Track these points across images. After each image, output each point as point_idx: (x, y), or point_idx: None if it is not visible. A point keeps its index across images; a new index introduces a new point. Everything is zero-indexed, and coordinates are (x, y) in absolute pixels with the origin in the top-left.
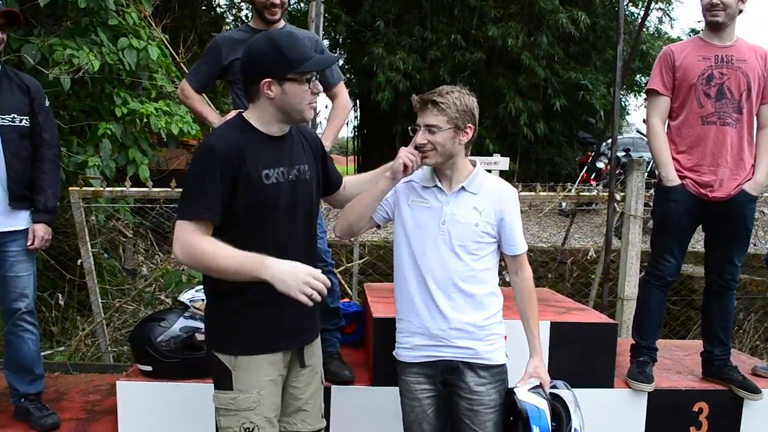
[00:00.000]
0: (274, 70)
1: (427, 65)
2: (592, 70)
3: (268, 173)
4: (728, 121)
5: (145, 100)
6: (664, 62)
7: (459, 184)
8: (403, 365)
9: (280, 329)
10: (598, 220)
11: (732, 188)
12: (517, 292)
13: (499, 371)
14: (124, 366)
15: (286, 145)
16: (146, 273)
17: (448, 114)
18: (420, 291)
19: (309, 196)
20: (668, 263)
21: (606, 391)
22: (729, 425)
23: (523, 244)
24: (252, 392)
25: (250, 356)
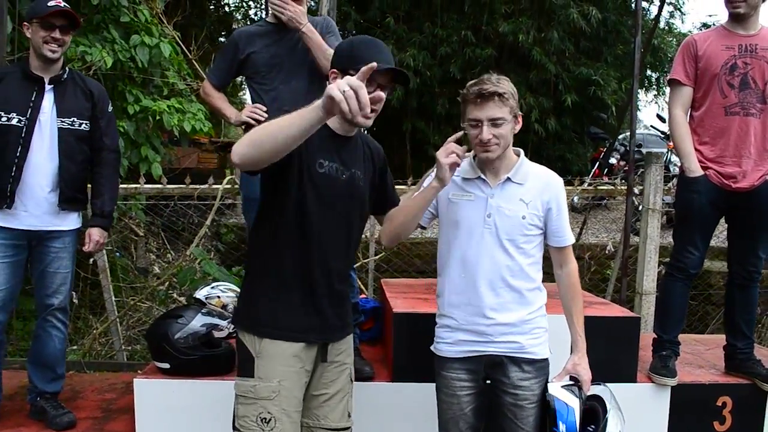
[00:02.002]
0: (340, 63)
1: (438, 62)
2: (603, 66)
3: (322, 162)
4: (752, 111)
5: (158, 98)
6: (686, 52)
7: (505, 175)
8: (443, 360)
9: (309, 322)
10: (610, 215)
11: (756, 179)
12: (561, 286)
13: (542, 365)
14: (139, 364)
15: (347, 146)
16: (158, 271)
17: (510, 104)
18: (465, 287)
19: (358, 202)
20: (692, 255)
21: (629, 385)
22: (753, 420)
23: (570, 236)
24: (273, 381)
25: (274, 341)
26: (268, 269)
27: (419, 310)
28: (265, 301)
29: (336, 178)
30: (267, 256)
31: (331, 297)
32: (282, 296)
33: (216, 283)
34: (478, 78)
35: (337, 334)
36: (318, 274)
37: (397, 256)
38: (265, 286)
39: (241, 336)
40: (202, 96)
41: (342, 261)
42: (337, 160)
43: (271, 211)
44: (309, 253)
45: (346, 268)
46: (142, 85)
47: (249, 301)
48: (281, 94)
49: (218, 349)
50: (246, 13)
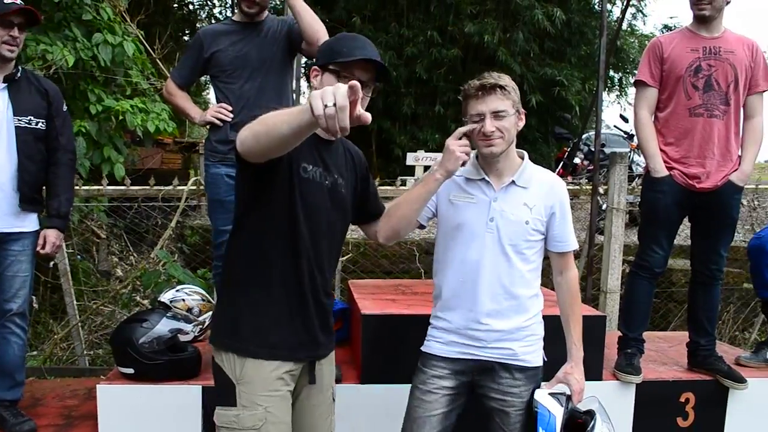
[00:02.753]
0: (320, 58)
1: (404, 62)
2: (567, 67)
3: (306, 166)
4: (716, 113)
5: (120, 98)
6: (652, 53)
7: (509, 178)
8: (428, 357)
9: (298, 337)
10: (575, 214)
11: (719, 179)
12: (560, 293)
13: (534, 373)
14: (101, 369)
15: (329, 151)
16: (121, 274)
17: (512, 98)
18: (463, 291)
19: (341, 210)
20: (656, 254)
21: (595, 383)
22: (714, 415)
23: (574, 241)
24: (258, 409)
25: (258, 361)
26: (252, 281)
27: (387, 311)
28: (249, 317)
29: (319, 183)
30: (251, 266)
31: (318, 311)
32: (269, 310)
33: (181, 286)
34: (479, 75)
35: (324, 350)
36: (306, 286)
37: (364, 256)
38: (250, 299)
39: (218, 359)
40: (164, 95)
41: (327, 272)
42: (320, 164)
43: (256, 218)
44: (298, 263)
45: (331, 280)
46: (105, 84)
47: (229, 316)
48: (247, 93)
49: (184, 353)
50: (210, 11)
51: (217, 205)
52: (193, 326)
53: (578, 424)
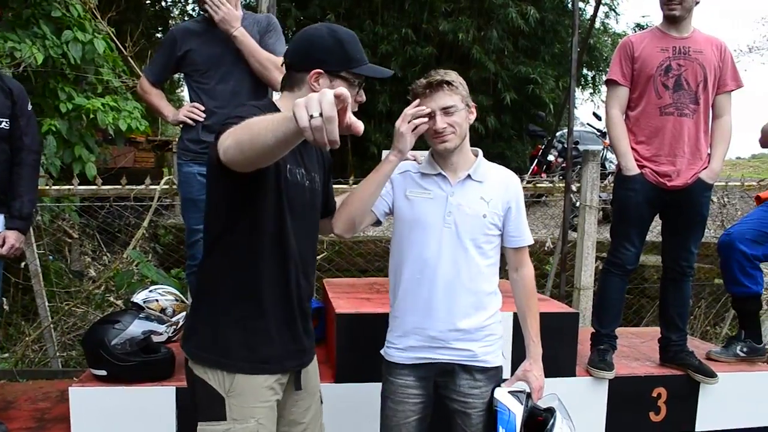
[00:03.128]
0: (331, 62)
1: (378, 60)
2: (541, 64)
3: (291, 169)
4: (685, 111)
5: (91, 96)
6: (623, 53)
7: (465, 172)
8: (392, 366)
9: (284, 348)
10: (548, 211)
11: (689, 177)
12: (516, 290)
13: (494, 373)
14: (74, 371)
15: (309, 150)
16: (94, 275)
17: (460, 93)
18: (420, 289)
19: (318, 209)
20: (628, 251)
21: (569, 380)
22: (686, 409)
23: (529, 236)
24: (250, 422)
25: (248, 376)
26: (239, 293)
27: (362, 310)
28: (238, 331)
29: (302, 185)
30: (237, 278)
31: (302, 317)
32: (258, 324)
33: (154, 286)
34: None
35: (309, 356)
36: (293, 294)
37: (339, 255)
38: (237, 313)
39: (200, 373)
40: (138, 93)
41: (311, 277)
42: (301, 165)
43: (240, 227)
44: (286, 271)
45: (312, 281)
46: (75, 82)
47: (213, 331)
48: (221, 93)
49: (157, 354)
50: (183, 9)
51: (190, 204)
52: (167, 327)
53: (539, 422)
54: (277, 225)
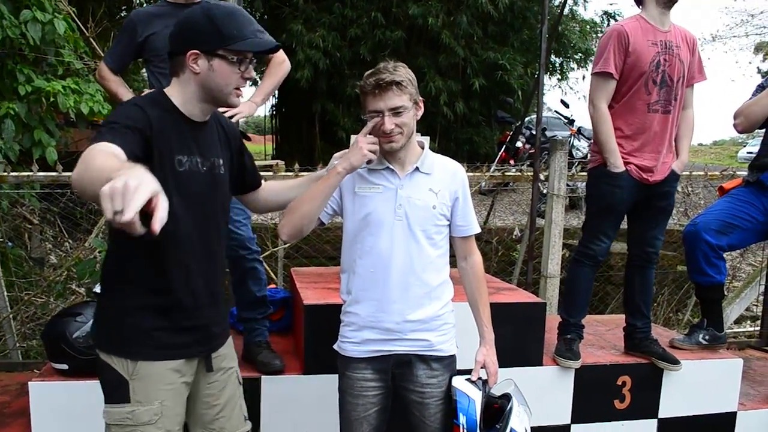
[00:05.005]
0: (204, 42)
1: (348, 43)
2: (510, 51)
3: (181, 159)
4: (668, 108)
5: (52, 78)
6: (618, 44)
7: (412, 165)
8: (347, 361)
9: (190, 334)
10: (515, 197)
11: (666, 170)
12: (466, 279)
13: (450, 362)
14: (35, 363)
15: (204, 134)
16: (55, 261)
17: (409, 91)
18: (374, 282)
19: (221, 193)
20: (603, 244)
21: (535, 369)
22: (649, 396)
23: (476, 225)
24: (154, 403)
25: (151, 362)
26: (139, 281)
27: (330, 301)
28: (137, 319)
29: (197, 173)
30: (133, 267)
31: (210, 303)
32: (156, 311)
33: None
34: (374, 68)
35: (220, 340)
36: (194, 281)
37: (307, 242)
38: (137, 300)
39: (105, 358)
40: (97, 79)
41: (215, 261)
42: (195, 152)
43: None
44: (182, 260)
45: (221, 268)
46: (35, 63)
47: (113, 320)
48: None
49: None
50: None
51: None
52: None
53: (495, 409)
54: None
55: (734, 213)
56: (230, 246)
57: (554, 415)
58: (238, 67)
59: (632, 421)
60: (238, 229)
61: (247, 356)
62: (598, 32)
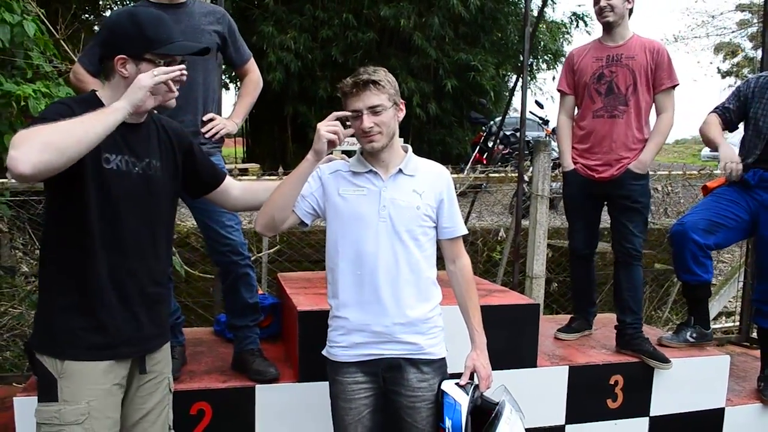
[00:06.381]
0: (130, 47)
1: (319, 45)
2: (482, 52)
3: (108, 157)
4: (615, 113)
5: (21, 81)
6: (567, 65)
7: (396, 167)
8: (337, 365)
9: (119, 335)
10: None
11: (616, 170)
12: (455, 282)
13: (440, 365)
14: (13, 376)
15: (138, 135)
16: (27, 270)
17: (388, 91)
18: (361, 284)
19: (159, 195)
20: (575, 237)
21: (530, 370)
22: (642, 395)
23: (462, 226)
24: (81, 403)
25: (78, 362)
26: (64, 282)
27: (323, 307)
28: (65, 319)
29: (127, 173)
30: (61, 267)
31: (145, 303)
32: (83, 311)
33: None
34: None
35: (154, 342)
36: (124, 281)
37: (289, 246)
38: (63, 301)
39: (39, 357)
40: (72, 81)
41: (152, 262)
42: (126, 152)
43: (59, 219)
44: (110, 259)
45: (159, 269)
46: (2, 66)
47: (45, 319)
48: None
49: None
50: None
51: None
52: None
53: (489, 415)
54: (89, 217)
55: (720, 212)
56: (222, 252)
57: (549, 416)
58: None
59: (625, 420)
60: (231, 234)
61: (239, 365)
62: (566, 34)
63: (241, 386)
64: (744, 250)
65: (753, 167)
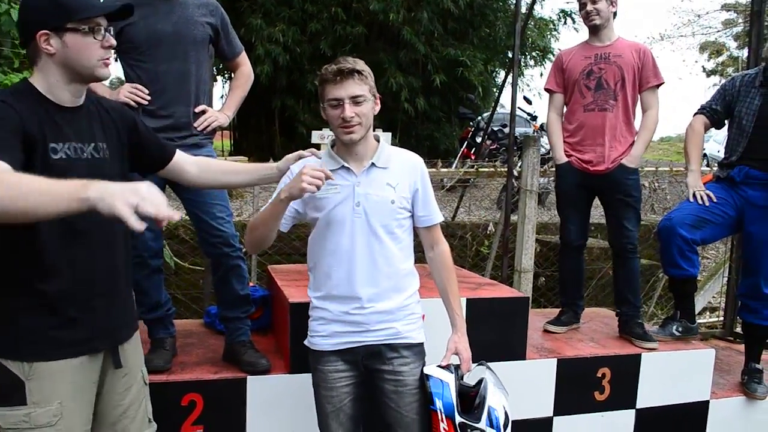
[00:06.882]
0: (49, 19)
1: (308, 38)
2: (470, 47)
3: (55, 147)
4: (605, 107)
5: (8, 70)
6: (556, 65)
7: (369, 161)
8: (318, 354)
9: (88, 328)
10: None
11: (610, 162)
12: (434, 268)
13: (419, 350)
14: None
15: (79, 118)
16: None
17: (369, 83)
18: (339, 278)
19: (111, 178)
20: (568, 229)
21: (519, 363)
22: (628, 388)
23: (438, 214)
24: (53, 404)
25: (49, 362)
26: (24, 282)
27: None
28: (28, 320)
29: (75, 160)
30: (25, 264)
31: (107, 294)
32: (48, 309)
33: None
34: (334, 60)
35: (124, 332)
36: (86, 273)
37: (279, 239)
38: (25, 301)
39: (2, 361)
40: None
41: (113, 250)
42: (72, 138)
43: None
44: (70, 253)
45: (121, 256)
46: None
47: (5, 323)
48: (163, 76)
49: None
50: None
51: None
52: None
53: (471, 398)
54: None
55: (707, 208)
56: (214, 243)
57: (537, 408)
58: (93, 37)
59: (611, 412)
60: (222, 226)
61: (230, 356)
62: (553, 30)
63: (233, 377)
64: (728, 246)
65: (738, 164)
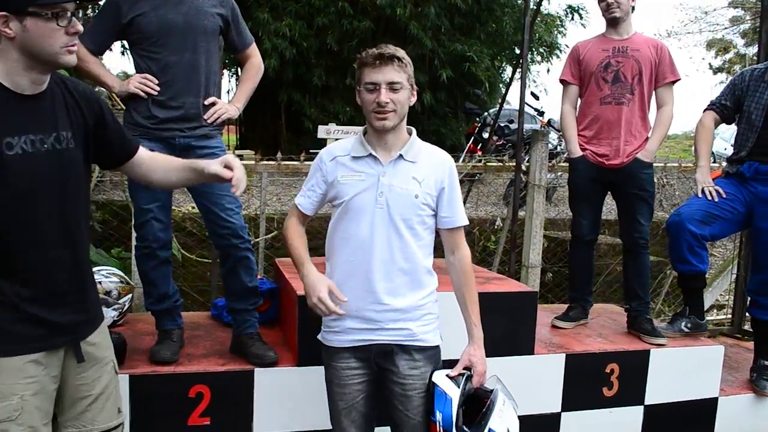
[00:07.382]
0: (9, 1)
1: (314, 32)
2: (477, 43)
3: (10, 142)
4: (622, 100)
5: None
6: (572, 57)
7: (397, 152)
8: (331, 351)
9: (47, 326)
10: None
11: (625, 156)
12: (453, 273)
13: (433, 353)
14: None
15: (40, 106)
16: None
17: (408, 71)
18: (355, 270)
19: (72, 168)
20: (581, 223)
21: (528, 357)
22: (636, 384)
23: (463, 216)
24: (13, 399)
25: (8, 357)
26: None
27: None
28: None
29: (34, 153)
30: None
31: (70, 290)
32: (6, 305)
33: (97, 267)
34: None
35: (85, 328)
36: (48, 268)
37: None
38: None
39: None
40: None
41: (75, 244)
42: (31, 129)
43: None
44: (31, 249)
45: (81, 251)
46: None
47: None
48: (174, 67)
49: None
50: None
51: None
52: (113, 310)
53: (484, 403)
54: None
55: (716, 204)
56: (222, 235)
57: (545, 404)
58: (56, 23)
59: (620, 408)
60: (231, 217)
61: (238, 348)
62: (560, 26)
63: (240, 369)
64: (737, 243)
65: (747, 160)
